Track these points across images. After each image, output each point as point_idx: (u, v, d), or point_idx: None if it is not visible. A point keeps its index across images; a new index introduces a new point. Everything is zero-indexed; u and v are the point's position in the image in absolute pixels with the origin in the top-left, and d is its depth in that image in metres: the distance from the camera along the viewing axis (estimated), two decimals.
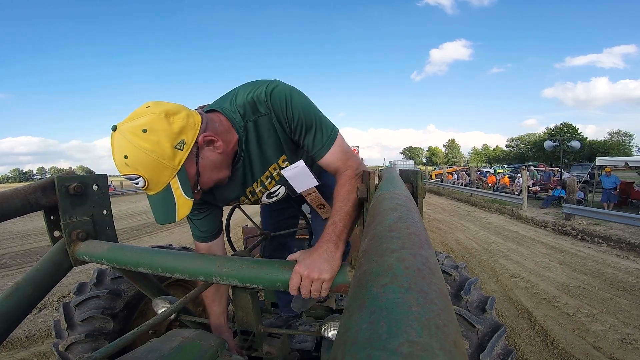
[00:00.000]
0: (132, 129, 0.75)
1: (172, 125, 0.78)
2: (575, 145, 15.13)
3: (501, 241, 6.70)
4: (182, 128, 0.80)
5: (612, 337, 3.03)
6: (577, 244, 6.44)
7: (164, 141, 0.76)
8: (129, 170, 0.77)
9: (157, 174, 0.78)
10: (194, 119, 0.83)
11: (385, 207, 0.53)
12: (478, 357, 1.18)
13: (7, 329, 1.06)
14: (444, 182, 20.56)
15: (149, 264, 1.12)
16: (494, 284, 4.40)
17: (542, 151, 54.17)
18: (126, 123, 0.77)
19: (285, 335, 1.50)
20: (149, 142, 0.75)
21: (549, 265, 5.10)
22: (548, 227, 7.98)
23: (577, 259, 5.42)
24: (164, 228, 9.28)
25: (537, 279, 4.53)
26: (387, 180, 0.85)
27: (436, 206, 12.54)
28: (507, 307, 3.72)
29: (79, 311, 1.60)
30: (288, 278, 0.90)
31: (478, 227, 8.17)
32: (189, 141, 0.81)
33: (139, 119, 0.76)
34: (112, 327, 1.60)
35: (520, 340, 3.01)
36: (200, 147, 0.85)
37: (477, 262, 5.28)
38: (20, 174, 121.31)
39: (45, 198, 1.21)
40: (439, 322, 0.22)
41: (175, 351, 0.88)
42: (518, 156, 70.85)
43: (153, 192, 0.82)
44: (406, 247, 0.34)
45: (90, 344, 1.53)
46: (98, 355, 0.79)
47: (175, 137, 0.78)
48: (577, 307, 3.66)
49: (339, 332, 0.24)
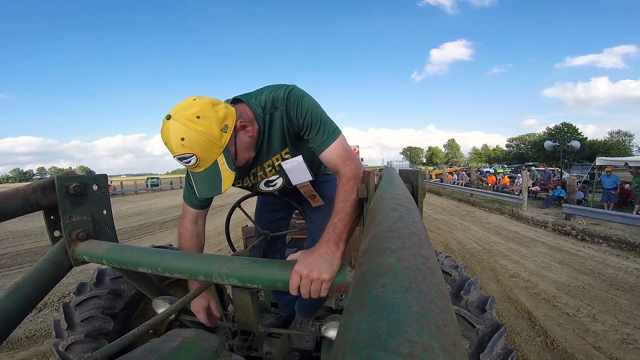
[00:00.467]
0: (188, 116, 0.90)
1: (217, 112, 0.94)
2: (575, 145, 15.10)
3: (501, 241, 6.69)
4: (225, 115, 0.96)
5: (613, 337, 3.03)
6: (577, 244, 6.42)
7: (214, 125, 0.92)
8: (184, 150, 0.91)
9: (207, 152, 0.93)
10: (231, 109, 1.01)
11: (385, 207, 0.53)
12: (478, 357, 1.18)
13: (7, 329, 1.06)
14: (444, 182, 20.55)
15: (149, 264, 1.13)
16: (494, 284, 4.38)
17: (542, 151, 54.03)
18: (180, 112, 0.91)
19: (285, 335, 1.50)
20: (202, 126, 0.90)
21: (549, 265, 5.09)
22: (548, 227, 7.97)
23: (577, 259, 5.40)
24: (164, 228, 9.29)
25: (537, 279, 4.52)
26: (387, 180, 0.85)
27: (436, 206, 12.53)
28: (507, 307, 3.70)
29: (79, 311, 1.60)
30: (288, 278, 0.91)
31: (478, 227, 8.15)
32: (230, 125, 0.98)
33: (191, 109, 0.91)
34: (112, 327, 1.59)
35: (521, 340, 3.00)
36: (238, 130, 1.02)
37: (477, 262, 5.26)
38: (20, 174, 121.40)
39: (45, 198, 1.21)
40: (439, 322, 0.22)
41: (175, 351, 0.88)
42: (518, 156, 70.78)
43: (201, 168, 0.97)
44: (406, 247, 0.34)
45: (90, 344, 1.53)
46: (98, 356, 0.79)
47: (221, 122, 0.94)
48: (577, 307, 3.65)
49: (339, 332, 0.24)
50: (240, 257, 1.13)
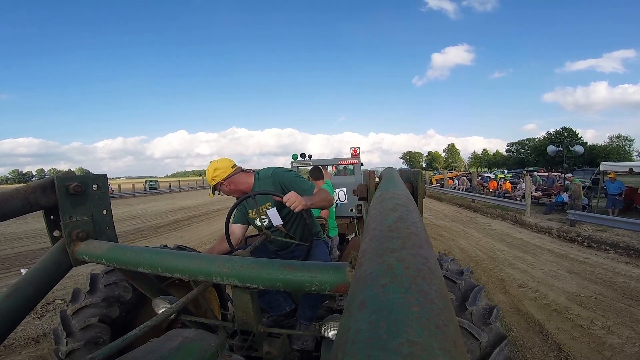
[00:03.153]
0: (215, 162, 1.93)
1: (227, 163, 1.94)
2: (579, 150, 14.80)
3: (506, 249, 6.54)
4: (227, 166, 1.92)
5: (630, 350, 2.88)
6: (584, 251, 6.29)
7: (226, 166, 1.92)
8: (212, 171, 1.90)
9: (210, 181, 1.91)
10: (232, 166, 1.93)
11: (385, 207, 0.53)
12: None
13: (7, 329, 1.06)
14: (445, 188, 20.32)
15: (149, 264, 1.12)
16: (501, 294, 4.20)
17: (542, 156, 53.55)
18: (215, 162, 1.93)
19: (285, 335, 1.50)
20: (220, 164, 1.92)
21: (557, 274, 4.92)
22: (553, 234, 7.85)
23: (586, 267, 5.24)
24: (158, 232, 9.28)
25: (546, 289, 4.35)
26: (387, 180, 0.85)
27: (437, 212, 12.41)
28: (516, 319, 3.52)
29: (76, 320, 1.58)
30: (288, 278, 0.93)
31: (481, 234, 8.03)
32: (228, 169, 1.91)
33: (218, 162, 1.93)
34: (110, 333, 1.58)
35: (533, 356, 2.85)
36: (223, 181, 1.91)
37: (483, 272, 5.10)
38: (19, 175, 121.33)
39: (45, 198, 1.21)
40: (439, 322, 0.22)
41: (175, 351, 0.88)
42: (518, 161, 70.42)
43: (213, 183, 1.91)
44: (406, 247, 0.34)
45: (90, 350, 1.52)
46: (99, 356, 0.79)
47: (229, 164, 1.94)
48: (591, 318, 3.47)
49: (339, 332, 0.24)
50: (240, 257, 1.13)
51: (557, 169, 35.43)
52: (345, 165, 6.21)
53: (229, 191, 1.92)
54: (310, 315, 1.84)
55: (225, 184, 1.88)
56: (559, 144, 21.32)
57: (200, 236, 8.49)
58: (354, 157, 5.25)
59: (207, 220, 11.60)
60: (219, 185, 1.89)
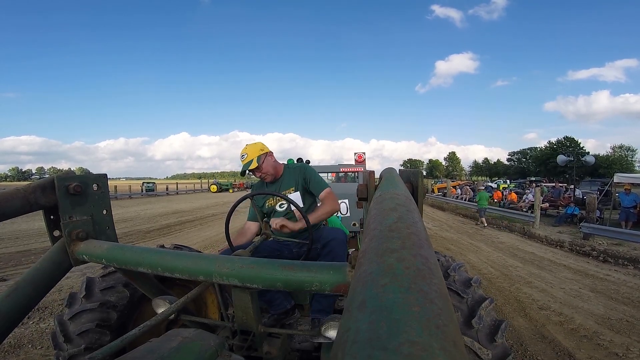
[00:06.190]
0: (250, 145, 2.08)
1: (261, 146, 2.10)
2: (590, 161, 14.20)
3: (519, 264, 6.14)
4: (262, 148, 2.08)
5: None
6: (602, 267, 5.97)
7: (258, 147, 2.07)
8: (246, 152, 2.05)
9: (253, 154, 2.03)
10: (267, 149, 2.11)
11: (385, 207, 0.53)
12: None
13: (7, 329, 1.06)
14: (447, 197, 19.85)
15: (149, 264, 1.12)
16: (522, 318, 3.77)
17: (544, 165, 53.15)
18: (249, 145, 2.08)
19: (285, 335, 1.50)
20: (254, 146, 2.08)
21: (580, 294, 4.52)
22: (565, 247, 7.54)
23: (609, 285, 4.88)
24: (147, 237, 8.99)
25: (571, 311, 3.96)
26: (387, 180, 0.85)
27: (442, 222, 12.05)
28: (542, 348, 3.10)
29: (73, 325, 1.56)
30: (288, 278, 0.93)
31: (491, 248, 7.60)
32: (265, 150, 2.08)
33: (254, 144, 2.09)
34: (109, 337, 1.56)
35: None
36: (269, 155, 2.09)
37: (498, 291, 4.67)
38: (19, 172, 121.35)
39: (45, 198, 1.21)
40: (439, 322, 0.22)
41: (174, 351, 0.88)
42: (519, 170, 69.84)
43: (246, 161, 2.01)
44: (406, 247, 0.34)
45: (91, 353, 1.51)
46: (98, 356, 0.79)
47: (261, 148, 2.08)
48: (626, 345, 3.11)
49: (339, 332, 0.24)
50: (240, 257, 1.13)
51: (559, 179, 35.17)
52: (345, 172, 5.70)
53: (266, 169, 2.03)
54: (326, 308, 1.84)
55: (268, 159, 2.04)
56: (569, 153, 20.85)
57: (191, 243, 8.17)
58: (358, 164, 4.91)
59: (200, 225, 11.23)
60: (264, 157, 2.01)
